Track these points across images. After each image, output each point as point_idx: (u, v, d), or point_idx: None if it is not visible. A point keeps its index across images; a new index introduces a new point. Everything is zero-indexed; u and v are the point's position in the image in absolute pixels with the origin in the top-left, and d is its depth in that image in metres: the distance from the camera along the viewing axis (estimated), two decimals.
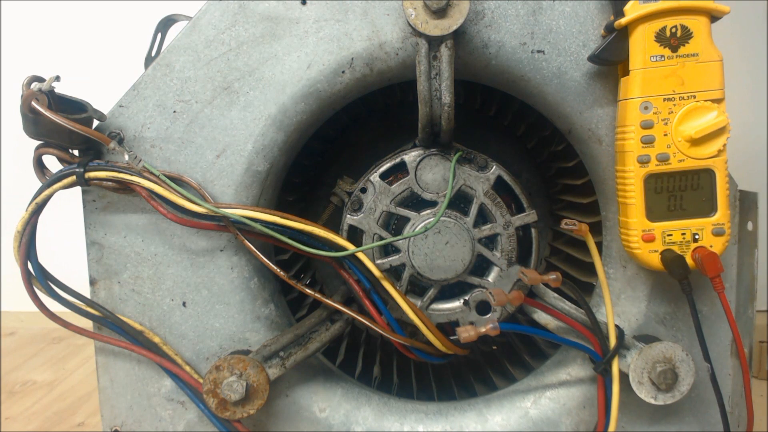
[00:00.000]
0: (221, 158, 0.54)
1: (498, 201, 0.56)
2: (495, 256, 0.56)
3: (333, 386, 0.58)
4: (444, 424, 0.58)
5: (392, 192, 0.57)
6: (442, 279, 0.56)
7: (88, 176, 0.51)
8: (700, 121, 0.48)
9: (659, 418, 0.56)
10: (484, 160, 0.56)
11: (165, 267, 0.55)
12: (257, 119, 0.53)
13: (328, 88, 0.53)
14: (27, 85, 0.49)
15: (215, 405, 0.52)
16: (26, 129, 0.50)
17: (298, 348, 0.55)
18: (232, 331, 0.56)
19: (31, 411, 1.01)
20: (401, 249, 0.56)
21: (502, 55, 0.52)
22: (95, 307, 0.55)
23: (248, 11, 0.52)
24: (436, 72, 0.50)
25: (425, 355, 0.55)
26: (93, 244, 0.55)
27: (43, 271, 0.53)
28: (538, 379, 0.59)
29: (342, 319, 0.56)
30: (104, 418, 0.58)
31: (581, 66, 0.52)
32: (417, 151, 0.56)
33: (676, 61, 0.48)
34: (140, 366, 0.57)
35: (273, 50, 0.52)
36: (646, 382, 0.52)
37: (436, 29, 0.47)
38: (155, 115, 0.53)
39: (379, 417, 0.58)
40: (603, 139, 0.53)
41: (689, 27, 0.48)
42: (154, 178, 0.52)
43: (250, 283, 0.56)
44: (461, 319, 0.57)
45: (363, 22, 0.52)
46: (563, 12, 0.51)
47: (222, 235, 0.54)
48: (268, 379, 0.52)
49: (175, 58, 0.53)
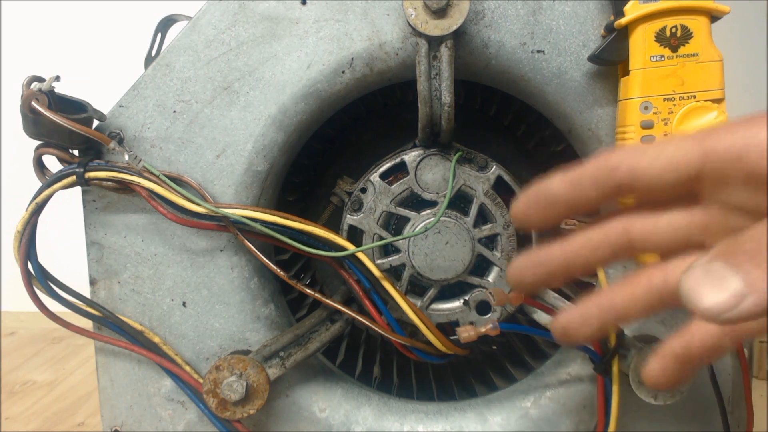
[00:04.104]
0: (221, 158, 0.54)
1: (498, 201, 0.56)
2: (495, 256, 0.56)
3: (333, 386, 0.58)
4: (444, 424, 0.58)
5: (392, 192, 0.57)
6: (442, 279, 0.56)
7: (88, 176, 0.51)
8: (700, 121, 0.48)
9: (659, 418, 0.56)
10: (484, 160, 0.56)
11: (165, 267, 0.55)
12: (257, 119, 0.53)
13: (328, 88, 0.53)
14: (27, 85, 0.49)
15: (215, 405, 0.52)
16: (26, 129, 0.50)
17: (298, 348, 0.55)
18: (232, 331, 0.56)
19: (31, 411, 1.01)
20: (401, 249, 0.56)
21: (502, 55, 0.52)
22: (95, 307, 0.55)
23: (248, 11, 0.52)
24: (436, 72, 0.50)
25: (425, 355, 0.55)
26: (93, 244, 0.55)
27: (43, 271, 0.53)
28: (538, 379, 0.59)
29: (342, 319, 0.56)
30: (104, 418, 0.58)
31: (581, 66, 0.52)
32: (417, 151, 0.56)
33: (676, 61, 0.48)
34: (140, 366, 0.57)
35: (273, 50, 0.52)
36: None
37: (436, 29, 0.47)
38: (155, 115, 0.53)
39: (379, 417, 0.58)
40: (603, 139, 0.53)
41: (689, 27, 0.48)
42: (154, 178, 0.52)
43: (250, 283, 0.56)
44: (461, 319, 0.57)
45: (363, 22, 0.52)
46: (563, 12, 0.52)
47: (222, 235, 0.54)
48: (268, 379, 0.52)
49: (175, 58, 0.53)
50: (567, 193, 0.32)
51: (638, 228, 0.33)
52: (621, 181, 0.31)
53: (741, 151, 0.28)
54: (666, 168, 0.30)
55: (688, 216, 0.31)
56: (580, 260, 0.33)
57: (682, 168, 0.30)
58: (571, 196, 0.32)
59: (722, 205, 0.30)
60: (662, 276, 0.31)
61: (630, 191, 0.31)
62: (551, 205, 0.33)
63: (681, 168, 0.30)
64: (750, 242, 0.25)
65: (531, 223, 0.34)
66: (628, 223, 0.33)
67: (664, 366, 0.32)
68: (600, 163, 0.32)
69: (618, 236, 0.33)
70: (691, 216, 0.31)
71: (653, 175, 0.30)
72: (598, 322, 0.33)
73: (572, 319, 0.34)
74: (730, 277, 0.24)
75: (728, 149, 0.28)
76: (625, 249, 0.33)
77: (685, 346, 0.31)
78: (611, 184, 0.31)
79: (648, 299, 0.32)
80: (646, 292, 0.32)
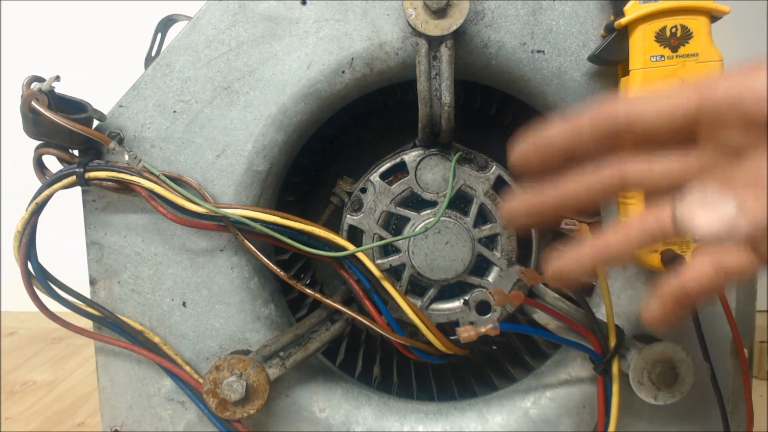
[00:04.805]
0: (221, 158, 0.54)
1: (498, 201, 0.56)
2: (495, 256, 0.56)
3: (333, 386, 0.58)
4: (444, 424, 0.58)
5: (392, 192, 0.57)
6: (442, 279, 0.56)
7: (88, 176, 0.51)
8: None
9: (659, 418, 0.56)
10: (484, 160, 0.56)
11: (165, 267, 0.55)
12: (257, 119, 0.53)
13: (328, 88, 0.53)
14: (27, 85, 0.49)
15: (215, 405, 0.52)
16: (26, 129, 0.50)
17: (298, 348, 0.55)
18: (232, 331, 0.56)
19: (31, 411, 1.01)
20: (401, 249, 0.56)
21: (502, 55, 0.52)
22: (95, 307, 0.55)
23: (248, 11, 0.52)
24: (436, 72, 0.50)
25: (425, 355, 0.55)
26: (93, 244, 0.55)
27: (43, 271, 0.53)
28: (538, 379, 0.59)
29: (342, 319, 0.56)
30: (104, 418, 0.58)
31: (581, 66, 0.52)
32: (417, 151, 0.56)
33: (676, 61, 0.48)
34: (140, 366, 0.57)
35: (273, 50, 0.52)
36: (646, 382, 0.52)
37: (436, 29, 0.47)
38: (155, 115, 0.53)
39: (379, 417, 0.58)
40: None
41: (689, 27, 0.48)
42: (154, 178, 0.52)
43: (250, 283, 0.56)
44: (461, 319, 0.57)
45: (363, 22, 0.52)
46: (563, 12, 0.51)
47: (222, 235, 0.54)
48: (268, 379, 0.52)
49: (175, 58, 0.53)
50: (566, 138, 0.33)
51: (634, 170, 0.33)
52: (619, 125, 0.32)
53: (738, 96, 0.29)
54: (663, 112, 0.31)
55: (683, 159, 0.32)
56: (573, 198, 0.34)
57: (679, 112, 0.31)
58: (569, 141, 0.33)
59: (717, 148, 0.31)
60: (655, 217, 0.32)
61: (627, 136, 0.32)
62: (550, 150, 0.34)
63: (678, 112, 0.31)
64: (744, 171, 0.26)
65: (528, 168, 0.34)
66: (623, 166, 0.33)
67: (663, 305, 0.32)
68: (599, 110, 0.32)
69: (612, 177, 0.33)
70: (686, 159, 0.32)
71: (650, 119, 0.31)
72: (591, 261, 0.33)
73: (566, 261, 0.34)
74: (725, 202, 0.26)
75: (725, 95, 0.29)
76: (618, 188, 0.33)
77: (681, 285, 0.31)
78: (609, 129, 0.32)
79: (641, 238, 0.32)
80: (640, 232, 0.32)
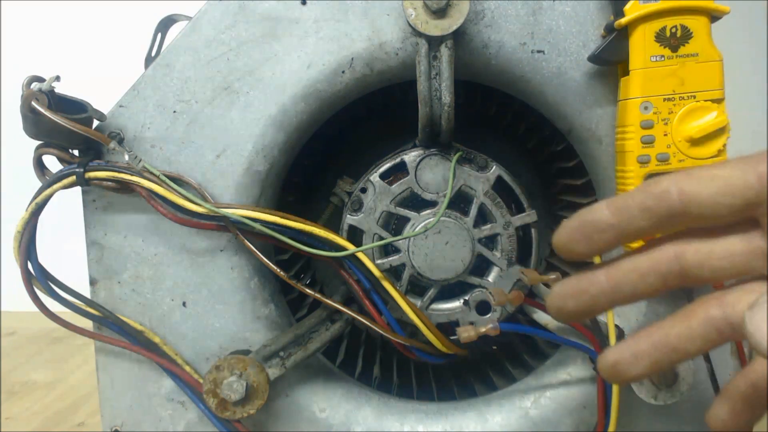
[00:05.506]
0: (221, 158, 0.54)
1: (498, 201, 0.56)
2: (495, 256, 0.56)
3: (333, 386, 0.58)
4: (444, 424, 0.58)
5: (392, 192, 0.57)
6: (442, 279, 0.56)
7: (88, 176, 0.51)
8: (700, 122, 0.48)
9: (659, 418, 0.56)
10: (484, 160, 0.56)
11: (165, 267, 0.55)
12: (257, 119, 0.53)
13: (328, 88, 0.53)
14: (27, 85, 0.49)
15: (215, 405, 0.52)
16: (26, 129, 0.50)
17: (298, 348, 0.55)
18: (232, 331, 0.56)
19: (31, 411, 1.01)
20: (401, 249, 0.56)
21: (502, 55, 0.52)
22: (95, 307, 0.55)
23: (248, 11, 0.52)
24: (436, 72, 0.50)
25: (425, 355, 0.55)
26: (93, 244, 0.55)
27: (43, 271, 0.53)
28: (538, 379, 0.59)
29: (342, 319, 0.56)
30: (104, 418, 0.58)
31: (581, 66, 0.52)
32: (417, 151, 0.56)
33: (676, 61, 0.48)
34: (140, 366, 0.57)
35: (273, 50, 0.52)
36: (646, 382, 0.52)
37: (436, 29, 0.47)
38: (155, 115, 0.53)
39: (379, 417, 0.58)
40: (603, 139, 0.53)
41: (689, 27, 0.48)
42: (154, 178, 0.52)
43: (250, 283, 0.56)
44: (461, 319, 0.57)
45: (363, 22, 0.52)
46: (563, 12, 0.52)
47: (222, 235, 0.54)
48: (268, 379, 0.52)
49: (175, 58, 0.53)
50: (614, 220, 0.30)
51: (692, 255, 0.30)
52: (672, 207, 0.29)
53: None
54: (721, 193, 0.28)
55: (746, 242, 0.29)
56: (628, 288, 0.31)
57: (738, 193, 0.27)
58: (618, 223, 0.30)
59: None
60: (721, 309, 0.29)
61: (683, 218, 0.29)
62: (597, 233, 0.30)
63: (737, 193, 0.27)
64: None
65: (575, 253, 0.31)
66: (679, 249, 0.30)
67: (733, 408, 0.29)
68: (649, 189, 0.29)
69: (669, 263, 0.30)
70: (750, 242, 0.29)
71: (707, 200, 0.28)
72: (651, 359, 0.30)
73: (623, 356, 0.31)
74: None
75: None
76: (677, 277, 0.31)
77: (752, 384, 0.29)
78: (662, 210, 0.29)
79: (706, 334, 0.29)
80: (704, 326, 0.29)
